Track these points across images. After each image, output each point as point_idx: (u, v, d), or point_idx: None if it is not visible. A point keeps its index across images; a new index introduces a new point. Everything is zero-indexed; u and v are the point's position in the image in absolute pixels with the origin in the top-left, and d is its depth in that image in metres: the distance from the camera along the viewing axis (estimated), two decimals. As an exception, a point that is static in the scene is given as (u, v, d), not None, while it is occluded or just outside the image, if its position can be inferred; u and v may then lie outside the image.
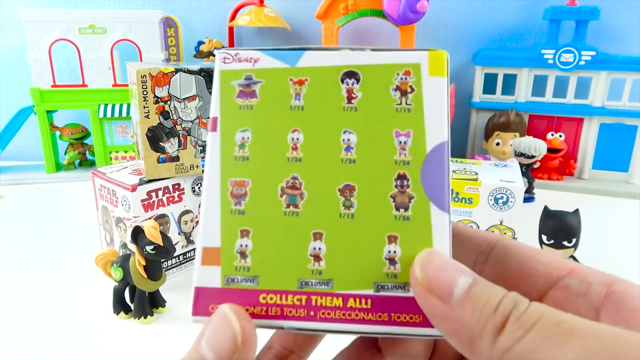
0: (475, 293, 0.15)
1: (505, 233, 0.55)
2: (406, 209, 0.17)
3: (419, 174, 0.17)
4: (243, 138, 0.18)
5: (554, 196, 0.91)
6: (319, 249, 0.18)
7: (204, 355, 0.16)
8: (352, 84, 0.18)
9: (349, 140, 0.18)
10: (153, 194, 0.56)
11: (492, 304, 0.14)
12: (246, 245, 0.18)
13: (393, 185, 0.17)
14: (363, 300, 0.17)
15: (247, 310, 0.17)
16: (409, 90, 0.18)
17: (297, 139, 0.18)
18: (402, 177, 0.17)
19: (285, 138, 0.18)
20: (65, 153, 1.05)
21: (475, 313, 0.14)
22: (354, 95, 0.18)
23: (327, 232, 0.18)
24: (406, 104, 0.18)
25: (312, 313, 0.17)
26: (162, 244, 0.47)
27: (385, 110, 0.18)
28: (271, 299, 0.17)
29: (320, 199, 0.18)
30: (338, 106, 0.18)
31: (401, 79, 0.18)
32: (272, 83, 0.18)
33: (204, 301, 0.17)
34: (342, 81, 0.18)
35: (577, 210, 0.54)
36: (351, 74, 0.18)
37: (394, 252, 0.17)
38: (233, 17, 1.07)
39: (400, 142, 0.18)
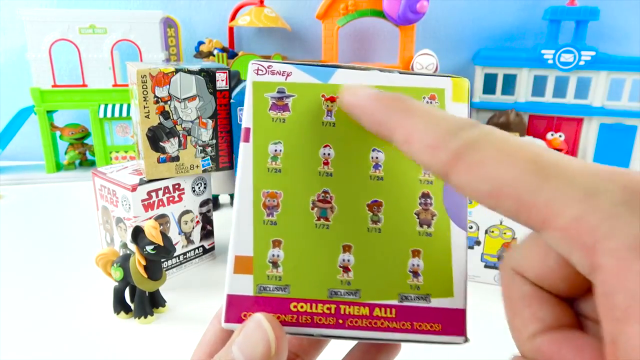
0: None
1: (505, 233, 0.55)
2: (429, 226, 0.19)
3: (441, 193, 0.19)
4: (276, 150, 0.18)
5: (554, 196, 0.91)
6: (348, 260, 0.18)
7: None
8: None
9: (377, 158, 0.19)
10: (153, 194, 0.56)
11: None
12: (278, 255, 0.18)
13: (417, 203, 0.19)
14: (388, 310, 0.18)
15: (278, 318, 0.18)
16: None
17: (329, 154, 0.18)
18: (425, 195, 0.19)
19: (317, 153, 0.18)
20: (65, 153, 1.06)
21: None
22: None
23: (356, 245, 0.18)
24: None
25: (340, 321, 0.18)
26: (162, 244, 0.47)
27: None
28: (302, 307, 0.18)
29: (350, 213, 0.18)
30: None
31: (427, 102, 0.19)
32: (305, 98, 0.19)
33: (236, 309, 0.18)
34: None
35: (576, 210, 0.54)
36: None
37: (417, 265, 0.18)
38: (233, 17, 1.07)
39: None
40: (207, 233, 0.63)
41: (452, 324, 0.18)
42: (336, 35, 1.01)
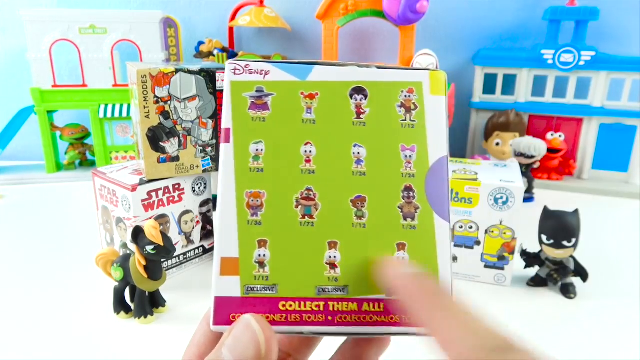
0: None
1: (505, 233, 0.55)
2: (413, 219, 0.19)
3: (423, 186, 0.19)
4: (257, 150, 0.18)
5: (554, 196, 0.91)
6: (334, 257, 0.19)
7: None
8: (361, 100, 0.19)
9: (359, 153, 0.19)
10: (153, 194, 0.56)
11: None
12: (264, 255, 0.18)
13: (401, 197, 0.19)
14: (376, 304, 0.18)
15: (267, 317, 0.18)
16: (412, 107, 0.19)
17: (310, 151, 0.18)
18: (408, 188, 0.19)
19: (299, 150, 0.18)
20: (65, 153, 1.06)
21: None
22: (362, 111, 0.19)
23: (342, 241, 0.18)
24: (410, 120, 0.19)
25: (329, 318, 0.18)
26: (162, 244, 0.47)
27: (392, 125, 0.19)
28: (290, 306, 0.18)
29: (334, 210, 0.18)
30: (348, 121, 0.19)
31: (405, 96, 0.19)
32: (284, 96, 0.18)
33: (225, 311, 0.18)
34: (351, 97, 0.19)
35: (576, 210, 0.54)
36: (359, 90, 0.19)
37: (403, 258, 0.19)
38: (233, 18, 1.08)
39: (406, 156, 0.19)
40: (207, 233, 0.64)
41: None
42: (336, 35, 1.01)
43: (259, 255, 0.18)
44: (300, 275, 0.18)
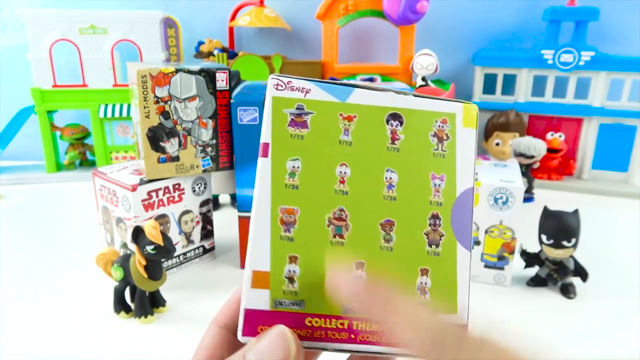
0: None
1: (505, 233, 0.55)
2: (437, 246, 0.19)
3: (449, 214, 0.19)
4: (294, 167, 0.19)
5: (554, 196, 0.91)
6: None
7: None
8: (396, 126, 0.19)
9: (391, 178, 0.19)
10: (153, 194, 0.56)
11: None
12: (294, 271, 0.19)
13: (427, 224, 0.19)
14: None
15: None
16: (444, 137, 0.19)
17: (345, 172, 0.19)
18: (435, 216, 0.19)
19: (334, 171, 0.19)
20: (65, 153, 1.06)
21: None
22: (397, 137, 0.19)
23: (368, 262, 0.19)
24: (442, 150, 0.19)
25: (352, 336, 0.19)
26: (162, 244, 0.47)
27: (424, 153, 0.19)
28: (316, 322, 0.19)
29: (364, 231, 0.19)
30: (382, 145, 0.19)
31: (439, 126, 0.19)
32: (323, 116, 0.19)
33: (253, 323, 0.19)
34: (387, 122, 0.19)
35: (576, 210, 0.54)
36: (396, 116, 0.19)
37: (425, 283, 0.19)
38: (233, 18, 1.08)
39: (435, 185, 0.19)
40: (207, 233, 0.64)
41: None
42: (336, 35, 1.01)
43: (289, 271, 0.19)
44: (327, 293, 0.19)
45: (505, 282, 0.57)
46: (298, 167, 0.19)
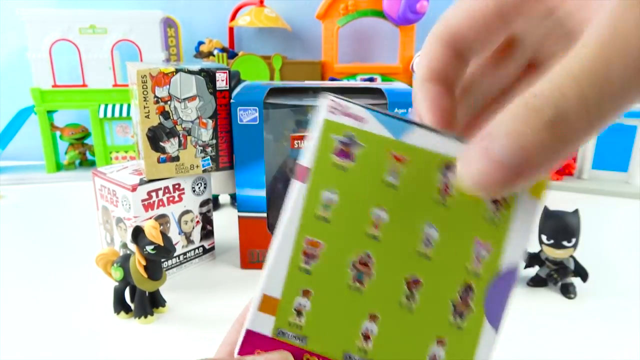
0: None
1: (504, 233, 0.55)
2: (462, 318, 0.17)
3: (485, 290, 0.17)
4: (329, 199, 0.18)
5: (554, 196, 0.91)
6: (371, 330, 0.18)
7: None
8: (450, 178, 0.17)
9: (429, 234, 0.17)
10: (153, 194, 0.56)
11: None
12: (304, 305, 0.18)
13: (457, 293, 0.17)
14: None
15: None
16: (502, 202, 0.17)
17: (381, 217, 0.17)
18: (468, 287, 0.17)
19: (369, 212, 0.17)
20: (65, 153, 1.06)
21: None
22: (448, 192, 0.17)
23: (383, 317, 0.18)
24: (496, 215, 0.17)
25: None
26: (162, 244, 0.47)
27: (474, 215, 0.17)
28: (311, 358, 0.18)
29: (386, 284, 0.18)
30: (429, 197, 0.17)
31: None
32: (372, 151, 0.17)
33: (251, 344, 0.18)
34: (442, 172, 0.17)
35: (576, 210, 0.54)
36: (452, 167, 0.17)
37: (438, 355, 0.18)
38: (233, 18, 1.08)
39: (477, 253, 0.17)
40: (207, 233, 0.64)
41: None
42: (336, 35, 1.01)
43: (300, 304, 0.18)
44: (332, 336, 0.18)
45: (505, 282, 0.57)
46: (334, 200, 0.18)
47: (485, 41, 0.18)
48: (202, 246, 0.63)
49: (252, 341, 0.18)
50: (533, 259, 0.57)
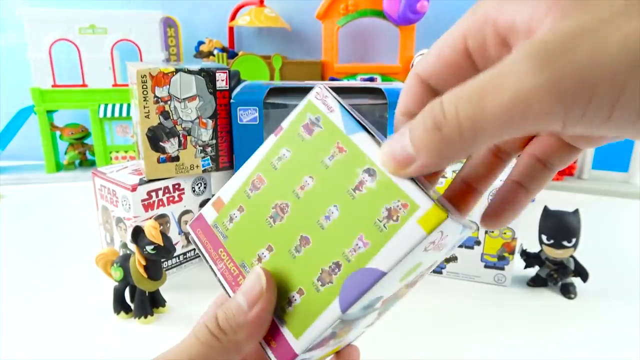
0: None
1: (505, 233, 0.55)
2: (322, 285, 0.21)
3: (348, 275, 0.20)
4: (284, 155, 0.23)
5: (554, 196, 0.91)
6: (265, 256, 0.23)
7: (238, 301, 0.22)
8: (366, 181, 0.20)
9: (332, 213, 0.21)
10: (153, 194, 0.56)
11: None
12: (236, 216, 0.24)
13: (328, 264, 0.21)
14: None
15: (205, 245, 0.25)
16: (394, 218, 0.19)
17: (308, 183, 0.22)
18: (338, 264, 0.21)
19: (302, 176, 0.22)
20: (65, 153, 1.06)
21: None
22: (361, 189, 0.20)
23: (275, 251, 0.23)
24: (383, 225, 0.20)
25: (233, 283, 0.24)
26: (162, 244, 0.47)
27: (370, 216, 0.20)
28: (224, 256, 0.24)
29: (287, 231, 0.22)
30: (345, 186, 0.21)
31: (397, 206, 0.19)
32: (326, 135, 0.22)
33: (198, 224, 0.26)
34: (364, 171, 0.20)
35: (577, 210, 0.54)
36: (372, 173, 0.20)
37: (294, 300, 0.22)
38: (233, 17, 1.08)
39: (357, 245, 0.20)
40: (207, 233, 0.63)
41: (283, 353, 0.22)
42: (336, 35, 1.01)
43: (233, 213, 0.24)
44: (241, 245, 0.24)
45: (505, 282, 0.57)
46: (286, 157, 0.23)
47: (453, 76, 0.20)
48: (202, 246, 0.63)
49: (199, 222, 0.26)
50: (533, 259, 0.57)
